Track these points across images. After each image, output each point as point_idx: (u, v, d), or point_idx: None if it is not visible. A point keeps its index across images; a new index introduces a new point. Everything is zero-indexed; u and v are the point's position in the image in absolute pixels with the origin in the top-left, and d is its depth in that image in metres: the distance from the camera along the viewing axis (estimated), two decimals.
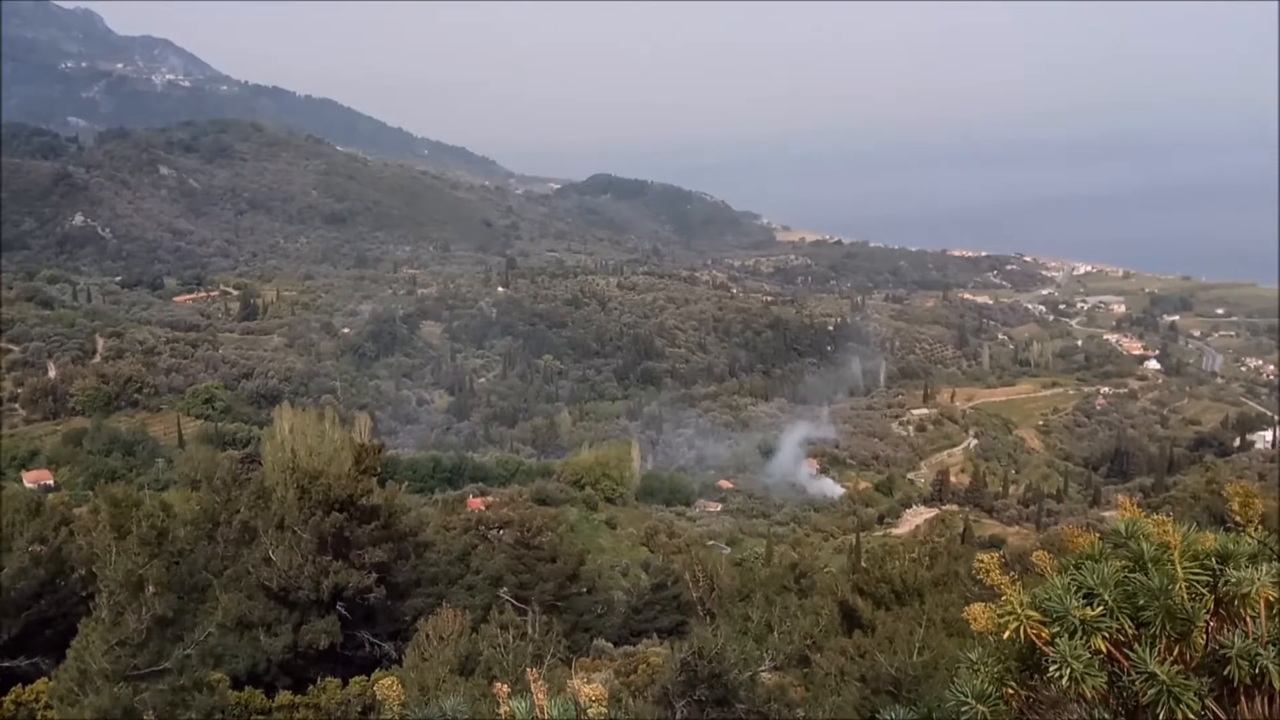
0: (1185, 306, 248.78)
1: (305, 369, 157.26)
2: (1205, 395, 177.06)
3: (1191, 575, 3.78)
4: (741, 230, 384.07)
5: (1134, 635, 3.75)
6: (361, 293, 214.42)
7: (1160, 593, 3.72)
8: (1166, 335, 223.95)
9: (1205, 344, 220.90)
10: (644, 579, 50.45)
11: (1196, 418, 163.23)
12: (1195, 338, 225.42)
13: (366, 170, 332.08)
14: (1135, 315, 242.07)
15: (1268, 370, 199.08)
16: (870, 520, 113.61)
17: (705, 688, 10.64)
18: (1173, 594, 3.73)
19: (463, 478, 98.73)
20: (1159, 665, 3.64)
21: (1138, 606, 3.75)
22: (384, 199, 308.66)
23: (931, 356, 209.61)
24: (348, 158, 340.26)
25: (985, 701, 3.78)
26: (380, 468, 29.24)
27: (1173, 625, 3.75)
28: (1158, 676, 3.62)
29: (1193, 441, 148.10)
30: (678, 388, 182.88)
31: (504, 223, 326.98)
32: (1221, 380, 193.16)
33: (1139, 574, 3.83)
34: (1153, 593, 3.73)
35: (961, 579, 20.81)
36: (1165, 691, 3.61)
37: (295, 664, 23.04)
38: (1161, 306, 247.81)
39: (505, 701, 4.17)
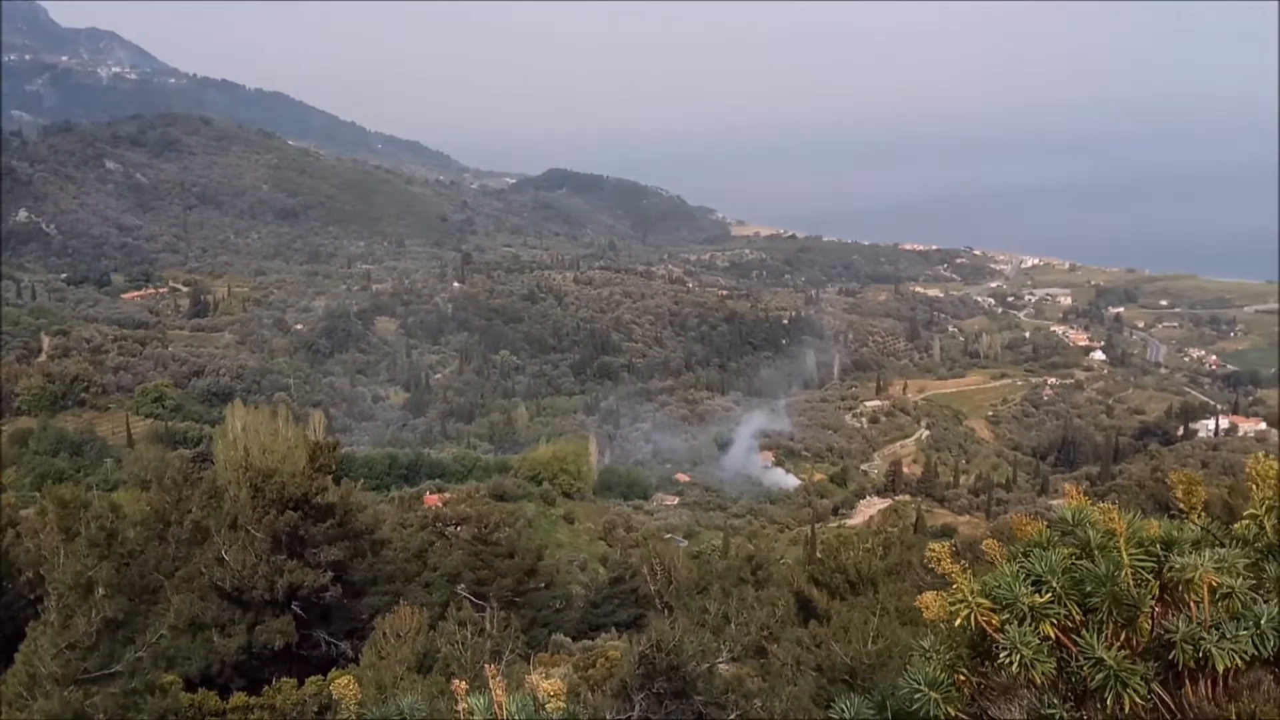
0: (1129, 299, 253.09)
1: (258, 366, 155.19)
2: (1149, 385, 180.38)
3: (1137, 562, 3.86)
4: (697, 225, 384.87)
5: (1081, 621, 3.83)
6: (315, 289, 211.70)
7: (1107, 579, 3.81)
8: (1111, 327, 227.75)
9: (1149, 335, 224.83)
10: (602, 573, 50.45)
11: (1141, 407, 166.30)
12: (1139, 329, 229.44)
13: (319, 164, 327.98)
14: (1081, 307, 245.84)
15: (1210, 360, 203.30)
16: (825, 511, 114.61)
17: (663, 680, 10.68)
18: (1119, 580, 3.82)
19: (419, 474, 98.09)
20: (1106, 650, 3.72)
21: (1085, 593, 3.83)
22: (337, 194, 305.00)
23: (884, 349, 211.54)
24: (300, 152, 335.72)
25: (937, 689, 3.85)
26: (335, 465, 28.99)
27: (1119, 611, 3.83)
28: (1105, 661, 3.70)
29: (1137, 431, 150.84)
30: (634, 382, 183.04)
31: (459, 218, 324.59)
32: (1165, 370, 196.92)
33: (1086, 561, 3.91)
34: (1099, 579, 3.81)
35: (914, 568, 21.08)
36: (1112, 676, 3.69)
37: (250, 665, 22.79)
38: (1106, 299, 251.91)
39: (463, 698, 4.17)
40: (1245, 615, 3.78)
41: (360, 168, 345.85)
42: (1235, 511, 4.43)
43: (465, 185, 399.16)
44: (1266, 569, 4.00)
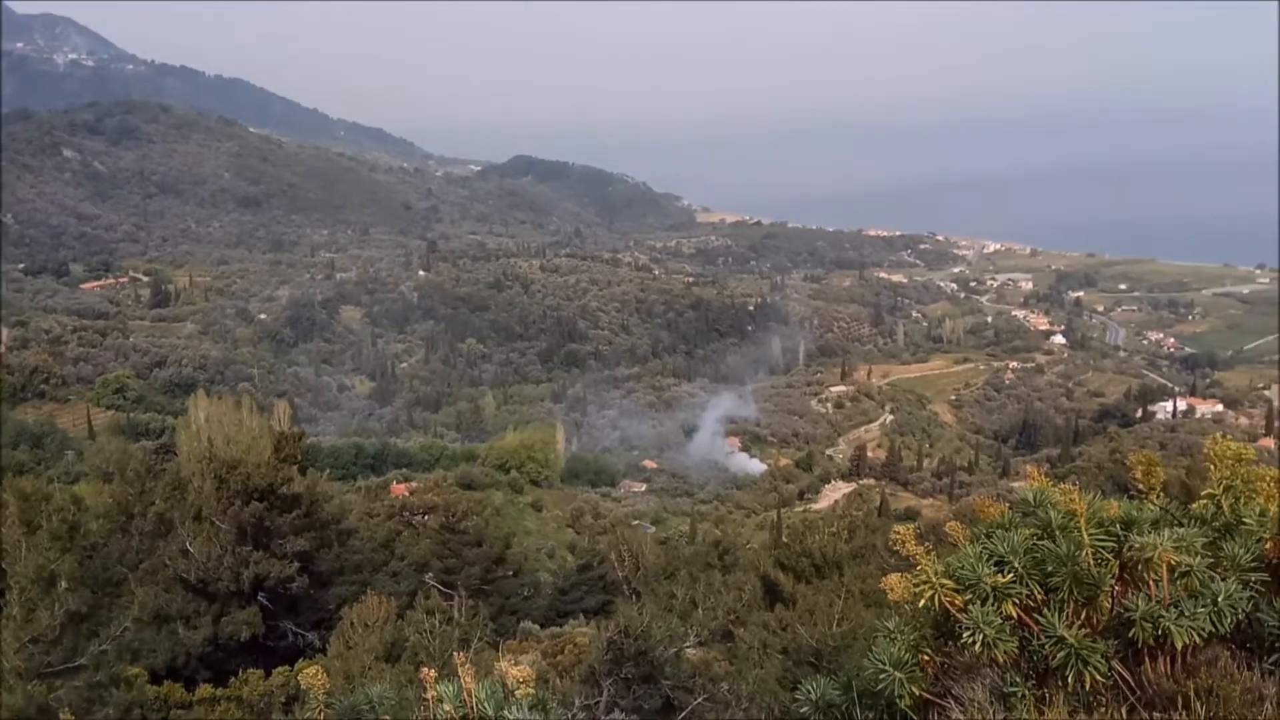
0: (1089, 283, 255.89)
1: (221, 356, 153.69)
2: (1108, 368, 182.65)
3: (1097, 541, 3.93)
4: (663, 212, 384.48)
5: (1043, 600, 3.89)
6: (278, 278, 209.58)
7: (1067, 559, 3.87)
8: (1071, 311, 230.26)
9: (1108, 319, 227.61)
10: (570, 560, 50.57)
11: (1100, 390, 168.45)
12: (1099, 313, 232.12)
13: (281, 152, 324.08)
14: (1042, 292, 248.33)
15: (1168, 343, 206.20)
16: (791, 496, 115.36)
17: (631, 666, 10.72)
18: (1079, 560, 3.88)
19: (386, 464, 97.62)
20: (1067, 629, 3.79)
21: (1046, 573, 3.90)
22: (300, 182, 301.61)
23: (849, 334, 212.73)
24: (261, 139, 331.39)
25: (902, 669, 3.90)
26: (301, 456, 28.81)
27: (1080, 590, 3.89)
28: (1066, 640, 3.76)
29: (1097, 413, 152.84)
30: (601, 369, 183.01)
31: (424, 205, 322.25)
32: (1124, 354, 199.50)
33: (1047, 541, 3.97)
34: (1060, 559, 3.87)
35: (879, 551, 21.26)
36: (1073, 654, 3.75)
37: (216, 656, 22.64)
38: (1067, 283, 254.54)
39: (432, 686, 4.18)
40: (1203, 593, 3.85)
41: (323, 155, 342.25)
42: (1193, 492, 4.51)
43: (430, 172, 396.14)
44: (1224, 547, 4.08)
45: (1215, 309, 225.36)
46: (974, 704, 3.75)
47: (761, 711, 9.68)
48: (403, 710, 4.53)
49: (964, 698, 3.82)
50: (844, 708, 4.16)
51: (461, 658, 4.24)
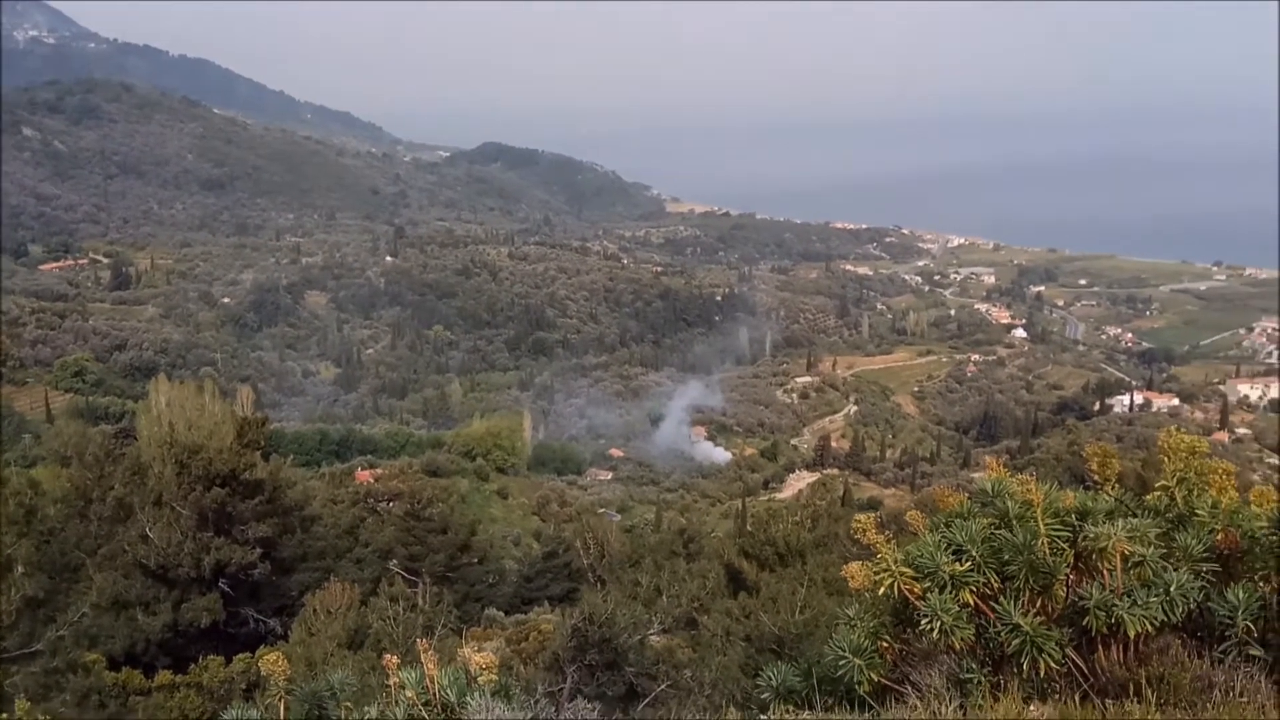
0: (1050, 278, 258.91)
1: (183, 340, 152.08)
2: (1068, 362, 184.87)
3: (1053, 531, 4.00)
4: (632, 201, 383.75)
5: (1000, 589, 3.96)
6: (242, 261, 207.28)
7: (1024, 548, 3.94)
8: (1033, 305, 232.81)
9: (1068, 313, 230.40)
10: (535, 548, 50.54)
11: (1059, 383, 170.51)
12: (1059, 307, 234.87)
13: (246, 134, 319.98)
14: (1004, 286, 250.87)
15: (1126, 338, 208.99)
16: (755, 485, 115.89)
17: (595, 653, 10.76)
18: (1035, 549, 3.95)
19: (351, 450, 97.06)
20: (1023, 617, 3.86)
21: (1003, 561, 3.96)
22: (265, 164, 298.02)
23: (815, 326, 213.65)
24: (226, 121, 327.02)
25: (861, 655, 3.96)
26: (264, 441, 28.61)
27: (1035, 579, 3.97)
28: (1021, 627, 3.83)
29: (1056, 405, 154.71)
30: (569, 358, 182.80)
31: (392, 190, 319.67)
32: (1083, 348, 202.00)
33: (1004, 531, 4.04)
34: (1017, 548, 3.94)
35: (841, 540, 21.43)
36: (1028, 641, 3.82)
37: (176, 643, 22.46)
38: (1028, 277, 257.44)
39: (395, 673, 4.18)
40: (1156, 583, 3.93)
41: (289, 138, 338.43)
42: (1148, 483, 4.60)
43: (398, 158, 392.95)
44: (1176, 538, 4.17)
45: (1173, 305, 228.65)
46: (931, 690, 3.82)
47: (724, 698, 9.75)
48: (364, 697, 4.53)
49: (921, 684, 3.88)
50: (804, 694, 4.21)
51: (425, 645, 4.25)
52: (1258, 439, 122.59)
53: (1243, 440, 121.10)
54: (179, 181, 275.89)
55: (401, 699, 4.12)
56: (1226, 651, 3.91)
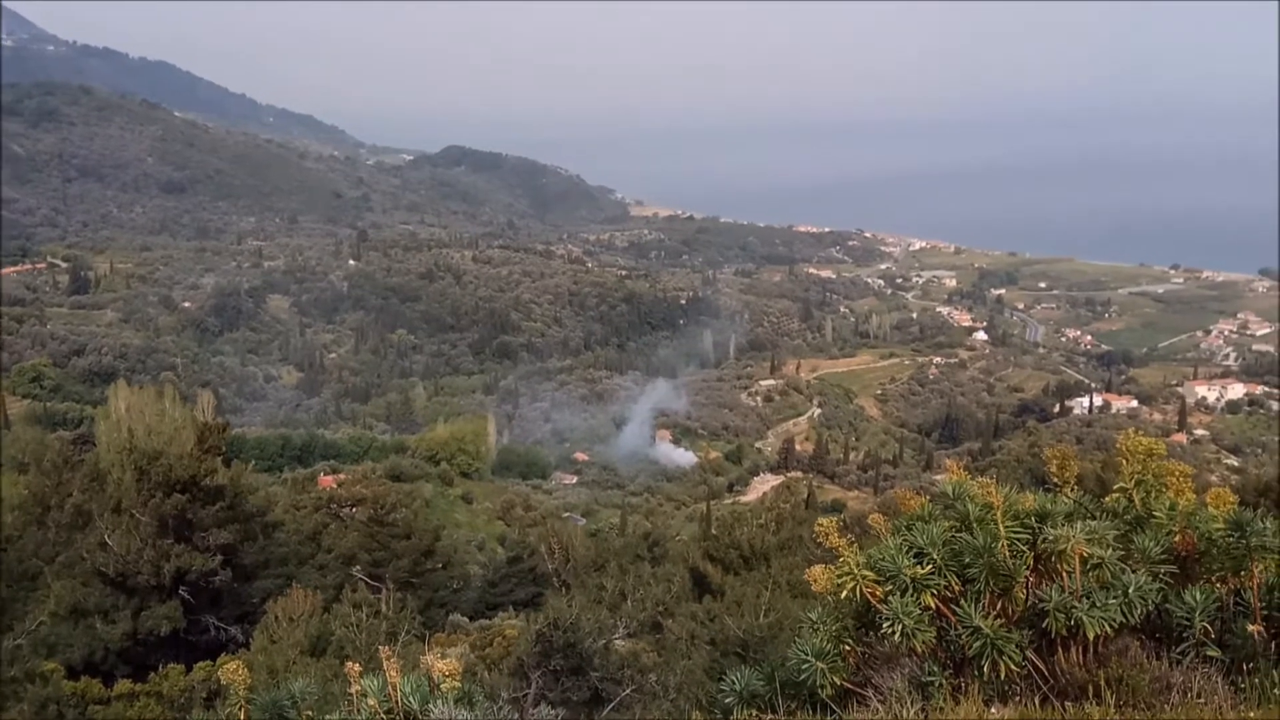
0: (1011, 281, 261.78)
1: (142, 345, 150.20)
2: (1028, 364, 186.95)
3: (1013, 534, 4.03)
4: (596, 205, 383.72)
5: (960, 591, 3.99)
6: (203, 265, 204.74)
7: (984, 551, 3.97)
8: (993, 308, 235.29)
9: (1028, 316, 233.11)
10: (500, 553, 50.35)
11: (1020, 385, 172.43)
12: (1019, 310, 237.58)
13: (207, 137, 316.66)
14: (965, 289, 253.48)
15: (1086, 340, 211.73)
16: (720, 488, 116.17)
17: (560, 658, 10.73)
18: (996, 552, 3.98)
19: (313, 456, 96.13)
20: (983, 619, 3.88)
21: (964, 564, 3.99)
22: (226, 168, 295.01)
23: (778, 329, 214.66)
24: (186, 124, 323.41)
25: (824, 659, 3.97)
26: (225, 447, 28.34)
27: (996, 581, 4.00)
28: (982, 630, 3.86)
29: (1017, 408, 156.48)
30: (534, 361, 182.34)
31: (354, 194, 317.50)
32: (1043, 350, 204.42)
33: (965, 534, 4.07)
34: (977, 551, 3.97)
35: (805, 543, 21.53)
36: (989, 644, 3.85)
37: (136, 651, 22.16)
38: (989, 281, 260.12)
39: (357, 680, 4.14)
40: (1114, 584, 3.98)
41: (251, 141, 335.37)
42: (1108, 485, 4.65)
43: (361, 161, 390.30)
44: (1135, 540, 4.22)
45: (1131, 308, 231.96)
46: (892, 693, 3.83)
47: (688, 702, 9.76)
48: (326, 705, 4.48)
49: (883, 687, 3.90)
50: (767, 698, 4.22)
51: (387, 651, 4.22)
52: (1215, 440, 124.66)
53: (1200, 441, 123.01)
54: (139, 185, 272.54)
55: (364, 707, 4.09)
56: (1184, 653, 3.95)
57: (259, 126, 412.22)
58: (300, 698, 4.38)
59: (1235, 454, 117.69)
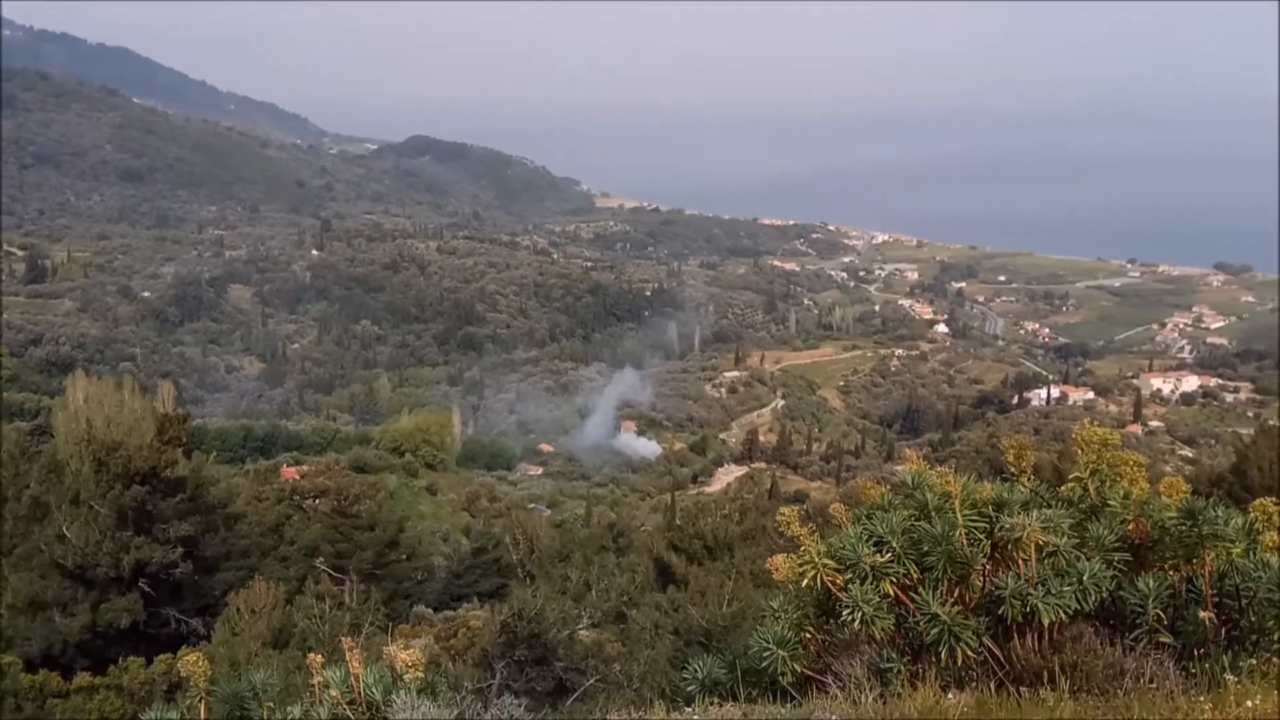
0: (971, 274, 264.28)
1: (101, 335, 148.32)
2: (988, 356, 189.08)
3: (970, 522, 4.09)
4: (562, 196, 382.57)
5: (919, 579, 4.04)
6: (163, 254, 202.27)
7: (942, 539, 4.03)
8: (954, 301, 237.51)
9: (988, 309, 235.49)
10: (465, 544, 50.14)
11: (980, 377, 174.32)
12: (980, 303, 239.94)
13: (167, 124, 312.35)
14: (927, 282, 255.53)
15: (1044, 333, 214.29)
16: (685, 479, 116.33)
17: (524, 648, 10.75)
18: (954, 540, 4.04)
19: (276, 447, 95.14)
20: (941, 607, 3.94)
21: (923, 552, 4.05)
22: (187, 156, 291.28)
23: (743, 321, 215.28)
24: (146, 111, 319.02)
25: (785, 647, 4.01)
26: (185, 438, 28.00)
27: (953, 569, 4.06)
28: (940, 617, 3.92)
29: (976, 399, 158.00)
30: (499, 353, 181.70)
31: (318, 183, 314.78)
32: (1002, 343, 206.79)
33: (924, 522, 4.13)
34: (936, 539, 4.03)
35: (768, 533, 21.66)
36: (946, 631, 3.91)
37: (95, 644, 21.91)
38: (950, 274, 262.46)
39: (319, 672, 4.14)
40: (1069, 572, 4.05)
41: (212, 129, 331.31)
42: (1064, 475, 4.73)
43: (324, 150, 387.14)
44: (1089, 528, 4.30)
45: (1088, 301, 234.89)
46: (852, 680, 3.88)
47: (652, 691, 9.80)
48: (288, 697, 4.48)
49: (843, 674, 3.95)
50: (729, 686, 4.26)
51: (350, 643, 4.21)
52: (1170, 431, 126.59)
53: (1155, 432, 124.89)
54: (97, 172, 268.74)
55: (326, 698, 4.08)
56: (1137, 639, 4.03)
57: (220, 114, 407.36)
58: (262, 690, 4.37)
59: (1189, 445, 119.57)
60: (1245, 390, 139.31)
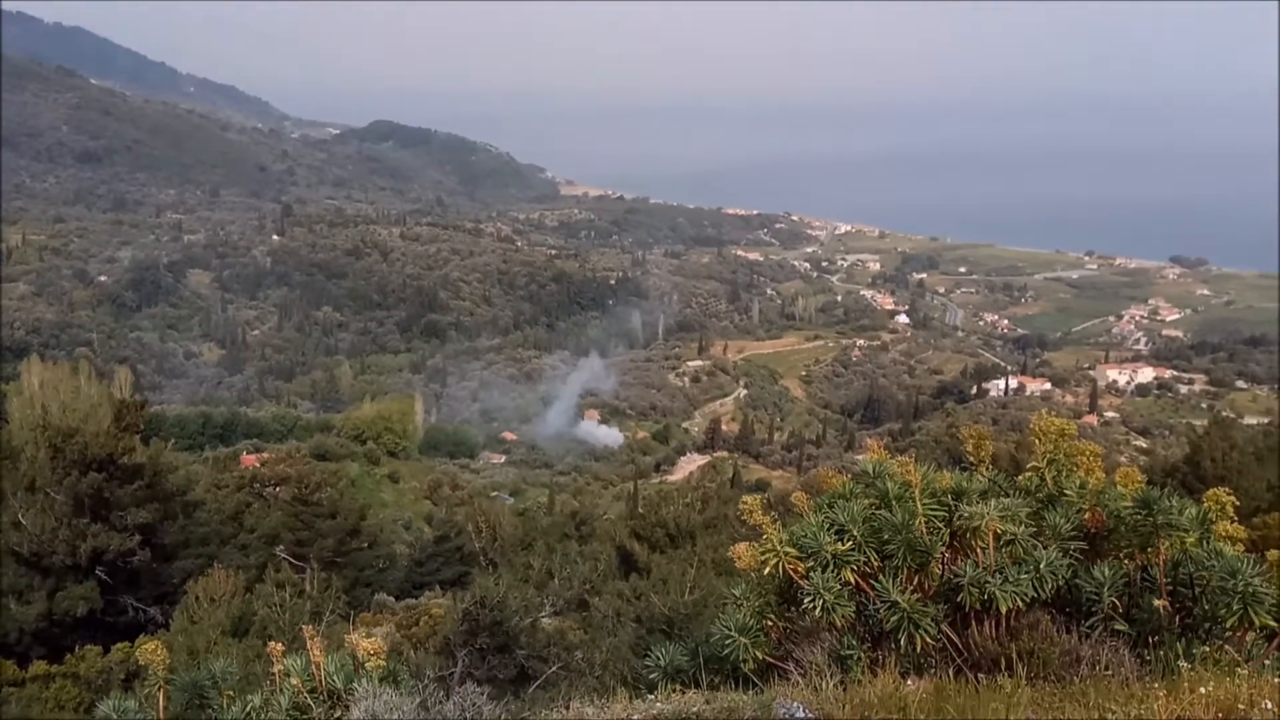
0: (932, 265, 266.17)
1: (57, 320, 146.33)
2: (947, 347, 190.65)
3: (930, 511, 4.14)
4: (526, 183, 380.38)
5: (879, 567, 4.09)
6: (120, 238, 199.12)
7: (902, 527, 4.07)
8: (915, 292, 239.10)
9: (948, 300, 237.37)
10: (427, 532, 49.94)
11: (939, 368, 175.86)
12: (940, 294, 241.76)
13: (125, 106, 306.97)
14: (888, 273, 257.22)
15: (1002, 324, 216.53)
16: (647, 468, 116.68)
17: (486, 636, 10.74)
18: (913, 528, 4.09)
19: (235, 434, 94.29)
20: (900, 594, 3.99)
21: (883, 541, 4.09)
22: (145, 138, 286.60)
23: (706, 310, 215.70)
24: (103, 92, 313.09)
25: (746, 634, 4.04)
26: (143, 424, 27.67)
27: (913, 557, 4.10)
28: (899, 605, 3.96)
29: (936, 389, 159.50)
30: (462, 340, 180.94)
31: (279, 168, 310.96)
32: (962, 333, 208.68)
33: (884, 511, 4.17)
34: (896, 528, 4.07)
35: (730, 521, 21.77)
36: (906, 618, 3.96)
37: (51, 633, 21.64)
38: (911, 265, 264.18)
39: (279, 660, 4.11)
40: (1026, 560, 4.11)
41: (171, 111, 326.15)
42: (1022, 465, 4.79)
43: (285, 134, 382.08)
44: (1046, 517, 4.36)
45: (1046, 292, 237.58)
46: (812, 667, 3.92)
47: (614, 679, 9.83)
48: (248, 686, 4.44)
49: (804, 661, 3.99)
50: (691, 673, 4.29)
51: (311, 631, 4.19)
52: (1125, 422, 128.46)
53: (1111, 423, 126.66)
54: (53, 154, 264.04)
55: (286, 687, 4.06)
56: (1093, 626, 4.10)
57: (179, 96, 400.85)
58: (221, 678, 4.34)
59: (1144, 435, 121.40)
60: (1199, 382, 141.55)
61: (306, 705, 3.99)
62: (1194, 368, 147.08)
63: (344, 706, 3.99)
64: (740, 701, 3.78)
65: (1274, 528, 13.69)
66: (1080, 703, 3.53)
